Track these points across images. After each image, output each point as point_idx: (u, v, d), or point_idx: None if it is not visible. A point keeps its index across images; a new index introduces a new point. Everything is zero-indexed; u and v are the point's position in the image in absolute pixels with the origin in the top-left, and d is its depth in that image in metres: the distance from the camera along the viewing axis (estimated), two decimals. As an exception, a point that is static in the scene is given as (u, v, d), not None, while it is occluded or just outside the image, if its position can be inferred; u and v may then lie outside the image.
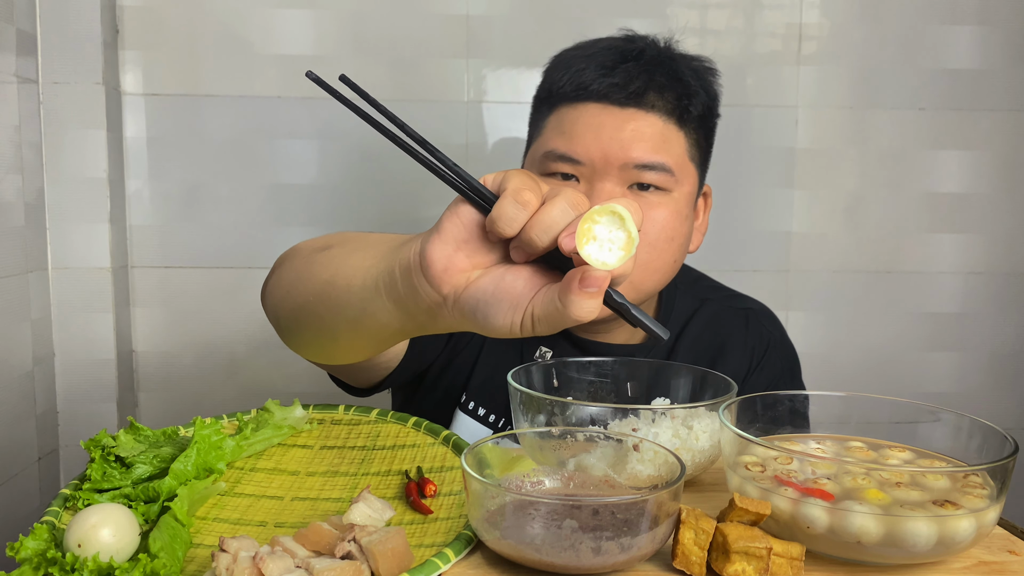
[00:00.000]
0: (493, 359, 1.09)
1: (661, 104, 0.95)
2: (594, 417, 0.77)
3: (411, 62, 1.63)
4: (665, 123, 0.95)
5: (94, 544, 0.60)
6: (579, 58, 0.97)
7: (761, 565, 0.60)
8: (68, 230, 1.52)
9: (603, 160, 0.93)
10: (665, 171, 0.94)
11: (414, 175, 1.66)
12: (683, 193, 0.97)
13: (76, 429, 1.56)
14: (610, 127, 0.93)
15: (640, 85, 0.94)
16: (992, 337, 1.79)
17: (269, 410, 0.85)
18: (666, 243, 0.95)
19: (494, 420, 1.09)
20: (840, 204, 1.74)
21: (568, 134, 0.95)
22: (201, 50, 1.60)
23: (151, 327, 1.66)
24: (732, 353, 1.09)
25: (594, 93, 0.94)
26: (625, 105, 0.94)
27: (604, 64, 0.95)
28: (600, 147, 0.93)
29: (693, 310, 1.11)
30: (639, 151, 0.93)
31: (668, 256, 0.97)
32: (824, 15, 1.68)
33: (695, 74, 0.98)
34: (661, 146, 0.94)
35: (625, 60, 0.95)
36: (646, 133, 0.94)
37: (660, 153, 0.94)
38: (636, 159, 0.93)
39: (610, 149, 0.93)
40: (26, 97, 1.44)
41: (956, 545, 0.61)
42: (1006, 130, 1.73)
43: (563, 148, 0.95)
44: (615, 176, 0.94)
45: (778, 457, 0.68)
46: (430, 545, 0.65)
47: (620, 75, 0.94)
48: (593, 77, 0.94)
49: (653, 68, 0.95)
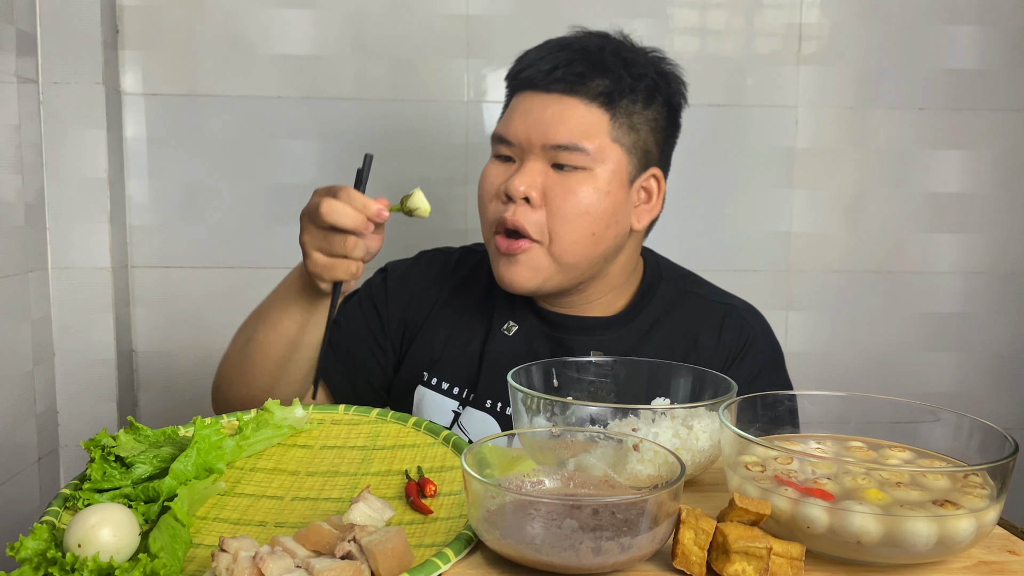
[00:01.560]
0: (457, 333, 1.16)
1: (583, 90, 1.03)
2: (594, 417, 0.77)
3: (411, 62, 1.63)
4: (587, 106, 1.03)
5: (94, 544, 0.60)
6: (531, 51, 1.09)
7: (761, 565, 0.60)
8: (68, 230, 1.52)
9: (527, 141, 1.03)
10: (580, 151, 1.02)
11: (413, 176, 1.66)
12: (605, 171, 1.03)
13: (76, 429, 1.56)
14: (536, 111, 1.03)
15: (564, 72, 1.02)
16: (992, 337, 1.79)
17: (269, 410, 0.85)
18: (580, 216, 1.02)
19: (457, 392, 1.14)
20: (840, 204, 1.74)
21: (507, 119, 1.07)
22: (201, 50, 1.60)
23: (151, 327, 1.66)
24: (705, 346, 1.11)
25: (527, 81, 1.06)
26: (550, 91, 1.03)
27: (541, 54, 1.06)
28: (526, 130, 1.03)
29: (674, 302, 1.14)
30: (556, 133, 1.02)
31: (583, 228, 1.03)
32: (824, 15, 1.68)
33: (627, 64, 1.05)
34: (578, 128, 1.02)
35: (559, 50, 1.05)
36: (565, 116, 1.02)
37: (576, 135, 1.02)
38: (552, 140, 1.02)
39: (533, 131, 1.03)
40: (26, 97, 1.44)
41: (956, 545, 0.61)
42: (1006, 130, 1.73)
43: (500, 130, 1.07)
44: (538, 155, 1.03)
45: (778, 457, 0.68)
46: (430, 545, 0.65)
47: (548, 63, 1.04)
48: (529, 66, 1.06)
49: (582, 56, 1.04)
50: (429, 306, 1.18)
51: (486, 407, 1.12)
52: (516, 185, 1.02)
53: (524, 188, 1.02)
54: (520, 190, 1.02)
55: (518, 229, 1.03)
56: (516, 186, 1.02)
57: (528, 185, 1.02)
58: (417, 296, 1.19)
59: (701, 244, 1.72)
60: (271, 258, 1.66)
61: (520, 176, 1.02)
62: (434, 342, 1.16)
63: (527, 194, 1.02)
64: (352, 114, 1.63)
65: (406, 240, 1.67)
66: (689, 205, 1.71)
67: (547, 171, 1.03)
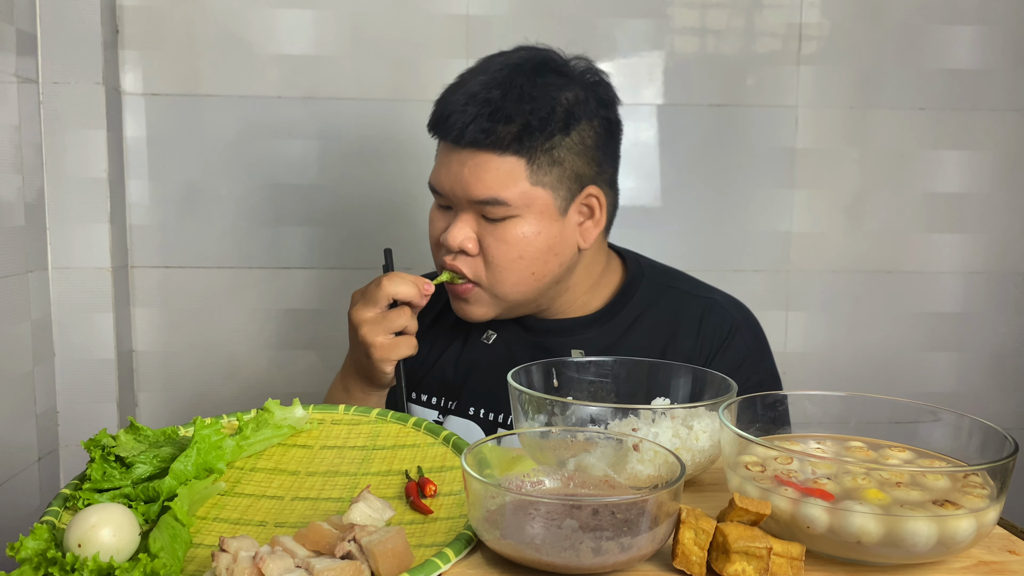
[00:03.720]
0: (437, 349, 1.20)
1: (493, 141, 1.02)
2: (594, 417, 0.77)
3: (411, 62, 1.63)
4: (501, 157, 1.03)
5: (94, 544, 0.60)
6: (447, 94, 1.08)
7: (761, 565, 0.60)
8: (68, 230, 1.52)
9: (454, 196, 1.06)
10: (502, 204, 1.03)
11: (413, 176, 1.66)
12: (533, 213, 1.05)
13: (76, 429, 1.56)
14: (455, 167, 1.05)
15: (472, 129, 1.02)
16: (992, 337, 1.79)
17: (269, 410, 0.85)
18: (514, 262, 1.05)
19: (436, 402, 1.18)
20: (840, 204, 1.74)
21: (437, 170, 1.09)
22: (201, 50, 1.60)
23: (151, 327, 1.66)
24: (684, 340, 1.11)
25: (444, 132, 1.06)
26: (464, 146, 1.04)
27: (451, 106, 1.05)
28: (450, 185, 1.06)
29: (655, 298, 1.15)
30: (476, 190, 1.03)
31: (521, 271, 1.06)
32: (824, 15, 1.68)
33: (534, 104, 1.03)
34: (495, 182, 1.03)
35: (468, 103, 1.03)
36: (480, 171, 1.03)
37: (495, 189, 1.03)
38: (474, 196, 1.04)
39: (456, 187, 1.05)
40: (26, 97, 1.44)
41: (956, 545, 0.61)
42: (1006, 130, 1.73)
43: (432, 181, 1.10)
44: (468, 208, 1.06)
45: (778, 457, 0.68)
46: (430, 545, 0.65)
47: (459, 117, 1.03)
48: (444, 116, 1.05)
49: (487, 108, 1.02)
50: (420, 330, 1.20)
51: (469, 414, 1.14)
52: (450, 240, 1.06)
53: (459, 242, 1.05)
54: (455, 244, 1.05)
55: (460, 277, 1.07)
56: (451, 241, 1.06)
57: (463, 238, 1.05)
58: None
59: (701, 244, 1.72)
60: (271, 258, 1.67)
61: (454, 230, 1.06)
62: (418, 361, 1.19)
63: (462, 246, 1.05)
64: (352, 114, 1.63)
65: (405, 240, 1.67)
66: (689, 205, 1.71)
67: (479, 220, 1.06)
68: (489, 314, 1.10)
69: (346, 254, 1.68)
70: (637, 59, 1.66)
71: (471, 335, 1.19)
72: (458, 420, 1.14)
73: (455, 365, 1.18)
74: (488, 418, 1.13)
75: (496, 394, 1.12)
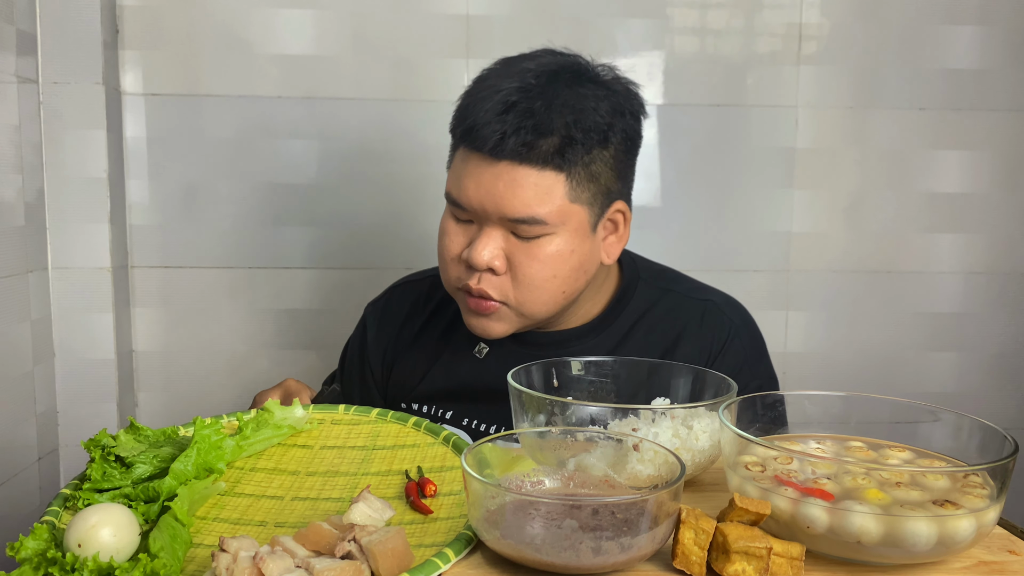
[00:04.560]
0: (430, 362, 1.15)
1: (534, 155, 0.95)
2: (594, 417, 0.77)
3: (411, 62, 1.63)
4: (540, 172, 0.96)
5: (94, 544, 0.60)
6: (474, 100, 0.99)
7: (761, 565, 0.60)
8: (68, 230, 1.52)
9: (483, 212, 0.98)
10: (539, 223, 0.97)
11: (413, 176, 1.66)
12: (568, 231, 0.99)
13: (76, 429, 1.56)
14: (488, 180, 0.96)
15: (513, 141, 0.94)
16: (992, 337, 1.79)
17: (269, 410, 0.85)
18: (547, 281, 0.99)
19: (426, 411, 1.14)
20: (840, 204, 1.74)
21: (458, 181, 1.00)
22: (201, 50, 1.60)
23: (151, 327, 1.66)
24: (685, 344, 1.09)
25: (476, 142, 0.97)
26: (500, 158, 0.96)
27: (487, 114, 0.96)
28: (480, 199, 0.97)
29: (653, 301, 1.12)
30: (512, 207, 0.96)
31: (553, 290, 1.01)
32: (824, 15, 1.68)
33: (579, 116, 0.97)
34: (534, 199, 0.96)
35: (506, 111, 0.95)
36: (518, 187, 0.96)
37: (532, 206, 0.96)
38: (510, 213, 0.96)
39: (487, 202, 0.97)
40: (26, 97, 1.44)
41: (956, 545, 0.61)
42: (1006, 130, 1.73)
43: (454, 194, 1.01)
44: (497, 223, 0.98)
45: (778, 457, 0.68)
46: (430, 545, 0.65)
47: (496, 127, 0.95)
48: (478, 125, 0.96)
49: (529, 120, 0.95)
50: (405, 342, 1.19)
51: (462, 426, 1.12)
52: (477, 259, 0.98)
53: (487, 260, 0.98)
54: (483, 263, 0.98)
55: (484, 297, 1.00)
56: (477, 260, 0.98)
57: (490, 256, 0.98)
58: (393, 336, 1.20)
59: (701, 244, 1.72)
60: (271, 258, 1.66)
61: (480, 248, 0.98)
62: (410, 373, 1.17)
63: (490, 265, 0.98)
64: (352, 114, 1.63)
65: (406, 240, 1.67)
66: (689, 205, 1.71)
67: (508, 237, 0.99)
68: (509, 331, 1.04)
69: (346, 254, 1.68)
70: (637, 59, 1.65)
71: (460, 347, 1.14)
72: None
73: (446, 378, 1.14)
74: (479, 430, 1.10)
75: (488, 409, 1.09)
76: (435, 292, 1.20)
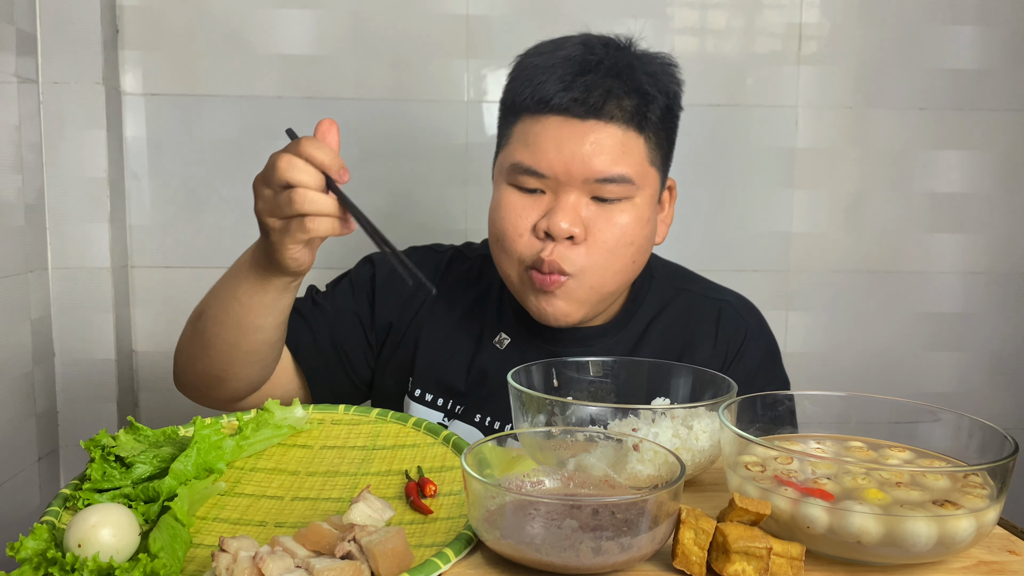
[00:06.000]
0: (445, 343, 1.12)
1: (619, 114, 0.96)
2: (594, 417, 0.77)
3: (411, 62, 1.63)
4: (624, 132, 0.96)
5: (94, 544, 0.60)
6: (540, 69, 0.98)
7: (761, 565, 0.60)
8: (68, 230, 1.52)
9: (566, 174, 0.96)
10: (626, 182, 0.96)
11: (413, 176, 1.66)
12: (645, 197, 0.99)
13: (76, 429, 1.56)
14: (571, 141, 0.95)
15: (599, 97, 0.94)
16: (992, 337, 1.79)
17: (269, 410, 0.85)
18: (625, 248, 0.98)
19: (442, 404, 1.11)
20: (840, 204, 1.74)
21: (532, 147, 0.97)
22: (201, 50, 1.60)
23: (151, 327, 1.65)
24: (701, 346, 1.09)
25: (555, 107, 0.96)
26: (585, 117, 0.95)
27: (564, 77, 0.96)
28: (563, 161, 0.95)
29: (667, 301, 1.12)
30: (600, 164, 0.95)
31: (626, 259, 1.00)
32: (824, 15, 1.68)
33: (653, 78, 0.98)
34: (621, 157, 0.96)
35: (584, 72, 0.95)
36: (606, 145, 0.95)
37: (620, 164, 0.95)
38: (597, 172, 0.95)
39: (572, 163, 0.95)
40: (26, 97, 1.44)
41: (956, 545, 0.61)
42: (1006, 130, 1.73)
43: (528, 161, 0.97)
44: (578, 188, 0.96)
45: (778, 457, 0.68)
46: (430, 545, 0.65)
47: (579, 88, 0.95)
48: (553, 91, 0.95)
49: (611, 78, 0.96)
50: (415, 311, 1.14)
51: (475, 421, 1.09)
52: (560, 224, 0.95)
53: (567, 226, 0.95)
54: (563, 228, 0.95)
55: (557, 269, 0.97)
56: (560, 225, 0.95)
57: (571, 222, 0.95)
58: (405, 299, 1.14)
59: (701, 244, 1.72)
60: (271, 258, 1.66)
61: (562, 213, 0.95)
62: (420, 349, 1.12)
63: (571, 232, 0.95)
64: (352, 114, 1.63)
65: (407, 240, 1.67)
66: (689, 205, 1.70)
67: (587, 203, 0.97)
68: (575, 315, 1.00)
69: (346, 254, 1.68)
70: (637, 59, 1.65)
71: (484, 336, 1.11)
72: (462, 425, 1.09)
73: (467, 369, 1.10)
74: (494, 427, 1.08)
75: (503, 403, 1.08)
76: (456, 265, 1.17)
